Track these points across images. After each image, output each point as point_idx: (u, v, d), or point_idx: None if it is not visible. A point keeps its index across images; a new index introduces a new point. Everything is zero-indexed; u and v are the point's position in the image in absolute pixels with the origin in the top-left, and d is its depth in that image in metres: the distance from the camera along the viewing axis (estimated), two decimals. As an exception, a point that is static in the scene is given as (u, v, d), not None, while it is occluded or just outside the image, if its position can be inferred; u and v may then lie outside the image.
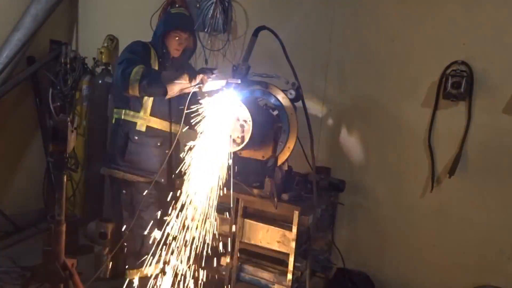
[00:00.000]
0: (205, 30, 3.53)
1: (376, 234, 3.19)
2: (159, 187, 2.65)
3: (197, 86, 2.26)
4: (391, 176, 3.12)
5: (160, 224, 2.31)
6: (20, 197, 3.95)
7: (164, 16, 3.03)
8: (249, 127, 2.13)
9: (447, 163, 2.92)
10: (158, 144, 2.71)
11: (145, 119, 2.68)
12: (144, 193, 2.51)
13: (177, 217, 2.15)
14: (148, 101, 2.67)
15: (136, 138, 2.67)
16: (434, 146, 2.96)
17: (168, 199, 2.25)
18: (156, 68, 2.65)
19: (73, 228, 3.03)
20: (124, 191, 2.68)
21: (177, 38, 2.67)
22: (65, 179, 2.15)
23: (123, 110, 2.68)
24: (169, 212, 2.17)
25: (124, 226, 2.62)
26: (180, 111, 2.22)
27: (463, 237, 2.92)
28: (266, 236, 2.51)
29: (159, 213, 2.41)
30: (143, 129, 2.68)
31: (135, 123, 2.68)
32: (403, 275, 3.12)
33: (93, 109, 3.84)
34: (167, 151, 2.62)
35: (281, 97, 2.44)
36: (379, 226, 3.17)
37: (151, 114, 2.69)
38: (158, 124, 2.72)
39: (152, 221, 2.52)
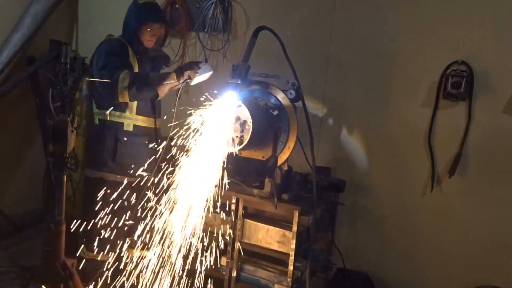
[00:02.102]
0: (205, 30, 3.53)
1: (376, 234, 3.19)
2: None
3: (185, 82, 2.30)
4: (391, 176, 3.12)
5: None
6: (20, 197, 3.93)
7: (133, 8, 2.74)
8: (249, 127, 2.13)
9: (447, 163, 2.92)
10: (146, 142, 2.70)
11: (131, 119, 2.67)
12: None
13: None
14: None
15: (125, 139, 2.65)
16: (434, 146, 2.96)
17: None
18: (136, 65, 2.63)
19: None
20: (115, 193, 2.63)
21: (149, 29, 2.67)
22: (65, 179, 2.14)
23: (109, 111, 2.65)
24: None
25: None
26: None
27: (463, 237, 2.92)
28: (266, 236, 2.51)
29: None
30: (131, 128, 2.67)
31: (122, 124, 2.67)
32: (403, 275, 3.12)
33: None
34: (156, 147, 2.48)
35: (281, 97, 2.44)
36: (379, 226, 3.17)
37: (137, 113, 2.69)
38: (144, 122, 2.72)
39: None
